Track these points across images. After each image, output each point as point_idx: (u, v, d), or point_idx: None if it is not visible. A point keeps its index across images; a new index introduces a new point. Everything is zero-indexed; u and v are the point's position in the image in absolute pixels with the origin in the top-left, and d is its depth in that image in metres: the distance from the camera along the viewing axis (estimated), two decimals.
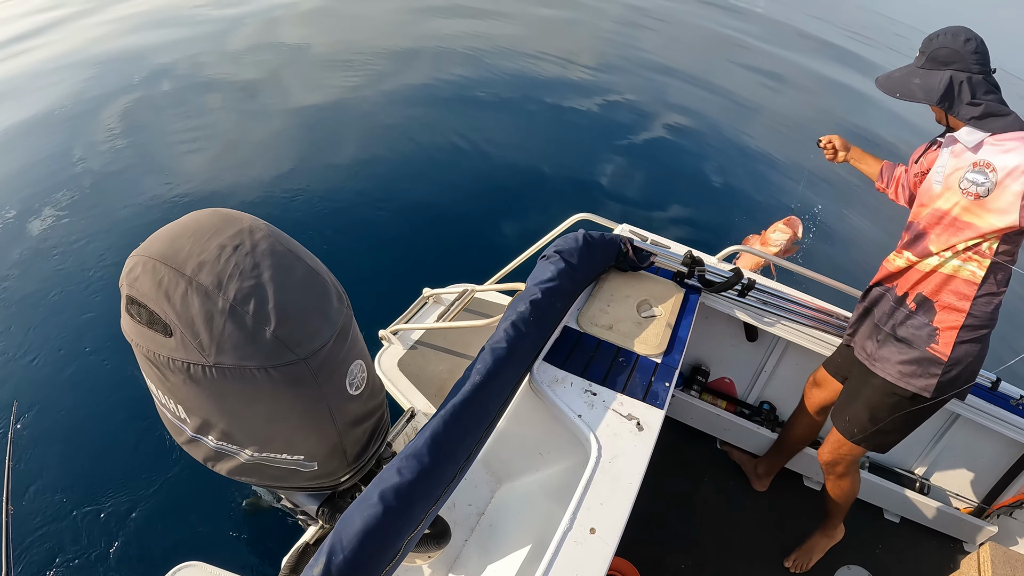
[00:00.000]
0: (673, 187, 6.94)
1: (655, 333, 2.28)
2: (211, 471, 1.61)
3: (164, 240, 1.33)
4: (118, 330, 1.38)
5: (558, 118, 7.84)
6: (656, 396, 2.05)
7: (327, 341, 1.39)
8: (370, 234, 5.07)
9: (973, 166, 2.01)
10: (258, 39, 8.72)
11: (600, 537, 1.64)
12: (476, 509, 2.36)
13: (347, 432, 1.57)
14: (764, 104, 10.39)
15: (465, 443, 1.65)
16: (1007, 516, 3.15)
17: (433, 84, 7.98)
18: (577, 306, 2.32)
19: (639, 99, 9.09)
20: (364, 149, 6.31)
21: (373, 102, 7.27)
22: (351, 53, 8.63)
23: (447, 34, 9.88)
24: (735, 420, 3.24)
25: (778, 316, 2.78)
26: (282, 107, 6.95)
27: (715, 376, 3.35)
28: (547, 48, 10.24)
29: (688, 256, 2.57)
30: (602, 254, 2.36)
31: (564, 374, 2.05)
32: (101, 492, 3.11)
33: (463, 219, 5.51)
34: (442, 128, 6.95)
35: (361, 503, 1.40)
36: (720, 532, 3.00)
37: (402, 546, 1.44)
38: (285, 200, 5.31)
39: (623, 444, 1.87)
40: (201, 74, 7.54)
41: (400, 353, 2.75)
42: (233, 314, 1.27)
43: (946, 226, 2.10)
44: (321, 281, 1.45)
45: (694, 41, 13.66)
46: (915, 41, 2.17)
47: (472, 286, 2.97)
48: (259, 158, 5.95)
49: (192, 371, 1.30)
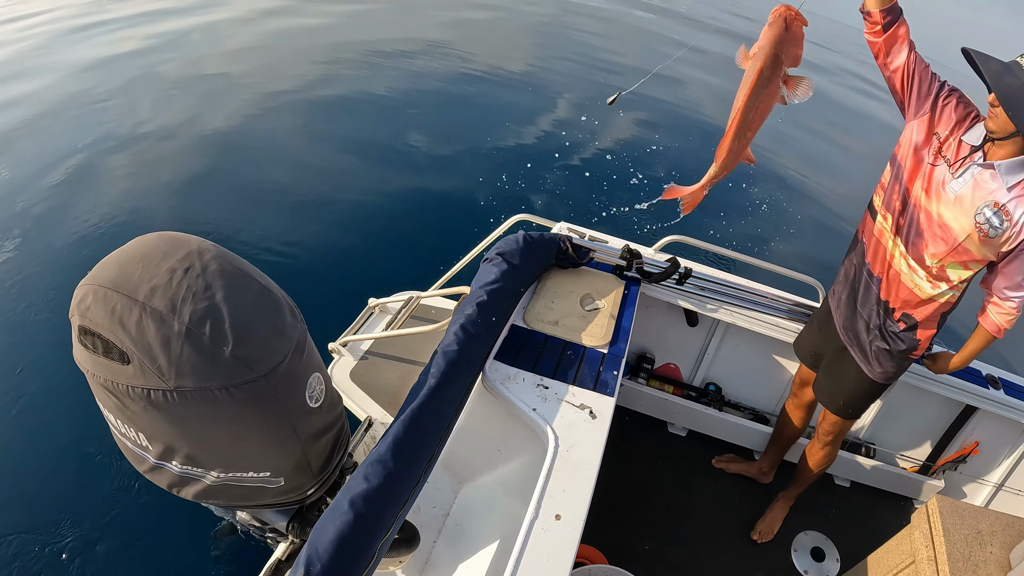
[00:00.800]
0: (608, 183, 7.07)
1: (599, 325, 2.36)
2: (175, 498, 1.59)
3: (113, 267, 1.32)
4: (69, 365, 1.37)
5: (489, 123, 7.90)
6: (606, 384, 2.14)
7: (285, 357, 1.41)
8: (312, 249, 5.04)
9: (995, 205, 1.97)
10: (186, 63, 8.53)
11: (566, 522, 1.71)
12: (441, 511, 2.41)
13: (310, 445, 1.59)
14: (692, 96, 10.69)
15: (427, 445, 1.70)
16: (952, 471, 3.33)
17: (362, 96, 7.95)
18: (522, 305, 2.38)
19: (570, 97, 9.23)
20: (296, 167, 6.25)
21: (304, 119, 7.21)
22: (281, 69, 8.54)
23: (373, 44, 9.85)
24: (683, 403, 3.36)
25: (716, 301, 2.91)
26: (214, 129, 6.83)
27: (660, 363, 3.46)
28: (474, 52, 10.30)
29: (626, 250, 2.67)
30: (543, 253, 2.44)
31: (515, 371, 2.11)
32: (60, 530, 3.04)
33: (403, 228, 5.53)
34: (373, 140, 6.94)
35: (332, 512, 1.44)
36: (680, 512, 3.11)
37: (376, 551, 1.48)
38: (223, 221, 5.25)
39: (578, 432, 1.95)
40: (135, 100, 7.35)
41: (351, 364, 2.78)
42: (190, 337, 1.28)
43: (948, 244, 2.10)
44: (274, 298, 1.46)
45: (623, 37, 13.90)
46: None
47: (417, 293, 3.01)
48: (194, 180, 5.84)
49: (153, 397, 1.29)
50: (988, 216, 1.97)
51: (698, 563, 2.91)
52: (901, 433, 3.38)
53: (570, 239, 2.58)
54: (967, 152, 2.03)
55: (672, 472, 3.28)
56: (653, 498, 3.14)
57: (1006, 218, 1.95)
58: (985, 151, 1.99)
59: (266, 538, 2.01)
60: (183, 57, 8.78)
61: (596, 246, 2.67)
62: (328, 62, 8.97)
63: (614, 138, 8.25)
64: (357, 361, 2.80)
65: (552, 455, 1.86)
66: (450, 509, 2.43)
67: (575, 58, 11.23)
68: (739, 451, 3.43)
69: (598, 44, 12.74)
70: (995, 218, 1.96)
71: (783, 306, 2.93)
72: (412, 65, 9.31)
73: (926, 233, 2.14)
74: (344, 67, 8.89)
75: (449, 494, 2.47)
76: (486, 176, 6.58)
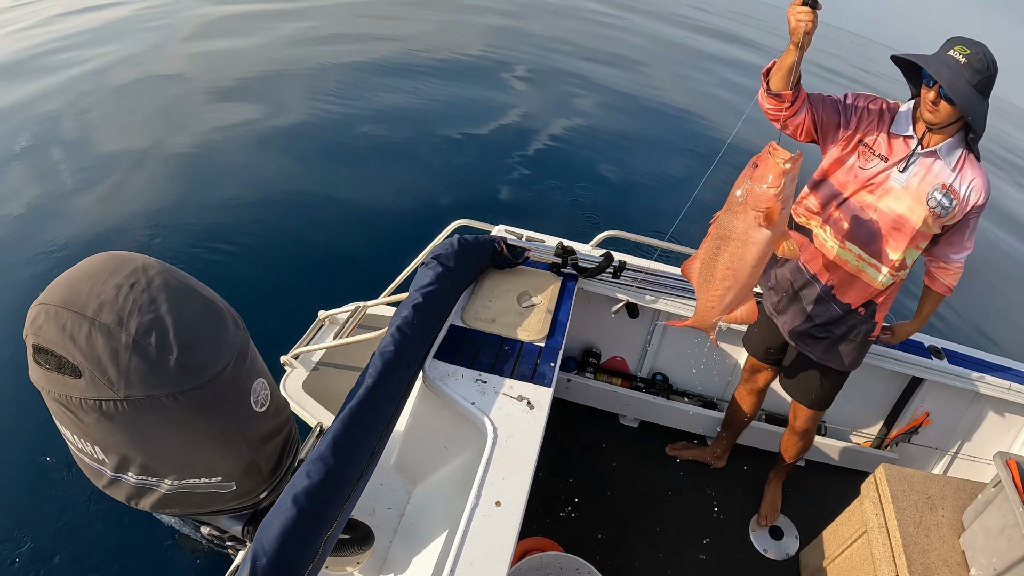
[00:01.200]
0: (550, 185, 7.23)
1: (536, 320, 2.45)
2: (136, 513, 1.64)
3: (63, 287, 1.38)
4: (27, 386, 1.42)
5: (431, 131, 8.00)
6: (543, 376, 2.22)
7: (228, 363, 1.48)
8: (262, 265, 5.08)
9: (943, 187, 2.14)
10: (131, 80, 8.45)
11: (507, 508, 1.77)
12: (396, 511, 2.47)
13: (259, 449, 1.66)
14: (635, 95, 10.93)
15: (367, 442, 1.76)
16: (905, 443, 3.43)
17: (304, 110, 7.98)
18: (460, 305, 2.46)
19: (513, 103, 9.39)
20: (244, 186, 6.25)
21: (243, 137, 7.21)
22: (224, 86, 8.51)
23: (309, 60, 9.87)
24: (632, 394, 3.43)
25: (654, 292, 2.99)
26: (160, 147, 6.80)
27: (607, 356, 3.54)
28: (413, 61, 10.42)
29: (560, 247, 2.77)
30: (478, 255, 2.52)
31: (454, 368, 2.19)
32: (18, 544, 3.04)
33: (352, 239, 5.59)
34: (318, 154, 7.00)
35: (277, 509, 1.50)
36: (636, 501, 3.16)
37: (320, 545, 1.54)
38: (173, 242, 5.26)
39: (517, 422, 2.03)
40: (80, 118, 7.29)
41: (304, 376, 2.83)
42: (137, 347, 1.34)
43: (906, 234, 2.22)
44: (216, 308, 1.53)
45: (566, 36, 14.12)
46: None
47: (364, 303, 3.07)
48: (144, 201, 5.83)
49: (105, 408, 1.36)
50: (939, 199, 2.15)
51: (655, 550, 2.97)
52: (852, 410, 3.48)
53: (505, 240, 2.67)
54: (900, 142, 2.19)
55: (626, 462, 3.34)
56: (608, 489, 3.19)
57: (954, 197, 2.15)
58: (922, 141, 2.16)
59: (227, 547, 2.06)
60: (123, 63, 8.75)
61: (531, 245, 2.77)
62: (260, 78, 8.99)
63: (557, 141, 8.42)
64: (309, 372, 2.85)
65: (491, 445, 1.93)
66: (404, 509, 2.49)
67: (519, 61, 11.40)
68: (691, 438, 3.51)
69: (545, 43, 12.95)
70: (944, 199, 2.14)
71: None
72: (354, 77, 9.35)
73: (882, 230, 2.25)
74: (282, 83, 8.91)
75: (403, 495, 2.53)
76: (431, 184, 6.70)
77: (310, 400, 2.73)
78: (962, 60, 1.96)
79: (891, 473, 2.46)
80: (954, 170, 2.15)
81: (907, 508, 2.35)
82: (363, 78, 9.38)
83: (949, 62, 1.98)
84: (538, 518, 2.94)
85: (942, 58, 2.00)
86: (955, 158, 2.15)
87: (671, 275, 3.03)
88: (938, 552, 2.24)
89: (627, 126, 9.70)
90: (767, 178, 1.76)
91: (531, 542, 2.76)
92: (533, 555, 2.43)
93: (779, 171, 1.74)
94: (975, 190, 2.15)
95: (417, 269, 2.38)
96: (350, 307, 3.09)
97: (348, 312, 3.06)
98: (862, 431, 3.56)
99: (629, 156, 8.65)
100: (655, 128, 10.21)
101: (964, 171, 2.15)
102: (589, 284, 2.93)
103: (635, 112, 10.60)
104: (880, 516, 2.39)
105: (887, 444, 3.48)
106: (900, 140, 2.19)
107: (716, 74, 14.62)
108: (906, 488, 2.42)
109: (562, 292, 2.67)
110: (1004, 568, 2.05)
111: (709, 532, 3.10)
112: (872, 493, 2.49)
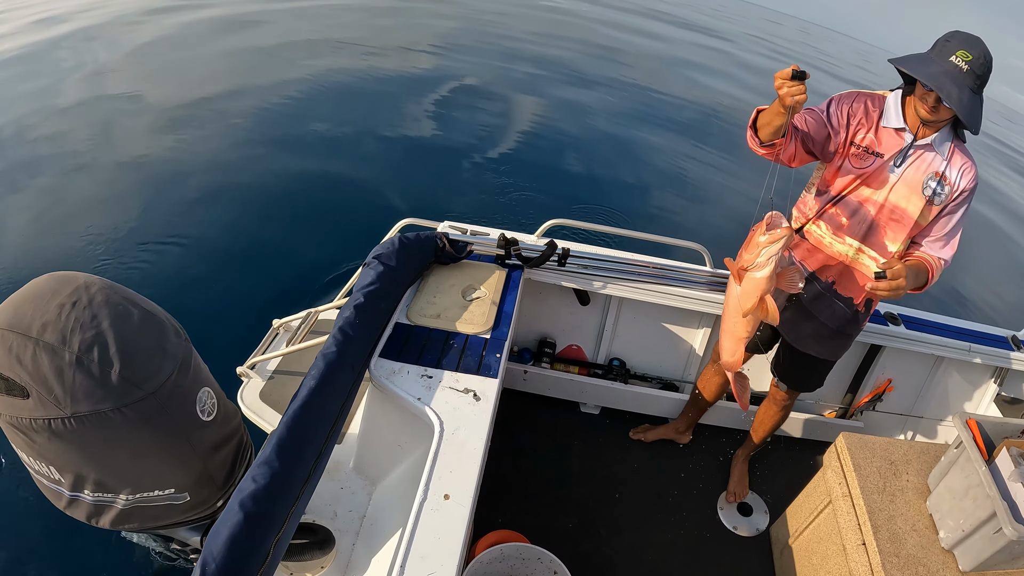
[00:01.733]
0: (497, 179, 7.30)
1: (480, 313, 2.48)
2: (102, 533, 1.66)
3: (8, 310, 1.40)
4: None
5: (376, 130, 8.02)
6: (489, 367, 2.25)
7: (170, 374, 1.50)
8: (215, 278, 5.05)
9: (936, 175, 2.21)
10: (77, 96, 8.31)
11: (455, 501, 1.78)
12: (358, 513, 2.47)
13: (209, 458, 1.68)
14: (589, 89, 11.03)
15: (311, 444, 1.77)
16: (870, 411, 3.49)
17: (244, 113, 7.94)
18: (405, 302, 2.47)
19: (459, 98, 9.43)
20: (194, 197, 6.22)
21: (188, 139, 7.17)
22: (169, 98, 8.40)
23: (255, 69, 9.80)
24: (591, 381, 3.44)
25: (602, 277, 3.01)
26: (106, 162, 6.71)
27: (562, 345, 3.56)
28: (362, 57, 10.40)
29: (502, 238, 2.79)
30: (420, 252, 2.54)
31: (400, 365, 2.20)
32: None
33: (302, 245, 5.60)
34: (264, 161, 6.97)
35: (225, 515, 1.51)
36: (601, 487, 3.17)
37: (270, 548, 1.54)
38: (123, 257, 5.21)
39: (463, 415, 2.05)
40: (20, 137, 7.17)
41: (260, 385, 2.82)
42: (80, 364, 1.37)
43: (905, 224, 2.28)
44: (157, 320, 1.55)
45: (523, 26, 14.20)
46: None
47: (315, 309, 3.08)
48: (90, 217, 5.75)
49: (54, 426, 1.38)
50: (933, 187, 2.21)
51: (622, 534, 2.99)
52: None
53: (447, 235, 2.69)
54: (893, 135, 2.22)
55: (590, 450, 3.34)
56: (573, 477, 3.19)
57: (946, 183, 2.21)
58: (915, 134, 2.19)
59: (190, 560, 2.07)
60: (54, 71, 8.60)
61: (474, 239, 2.78)
62: (213, 80, 8.91)
63: (503, 135, 8.49)
64: (266, 382, 2.85)
65: (438, 439, 1.94)
66: (366, 511, 2.49)
67: (466, 56, 11.43)
68: (653, 420, 3.51)
69: (493, 39, 13.00)
70: (938, 187, 2.21)
71: (672, 274, 3.03)
72: (300, 74, 9.33)
73: (880, 222, 2.31)
74: (225, 89, 8.85)
75: (364, 496, 2.54)
76: (382, 185, 6.71)
77: (268, 410, 2.73)
78: (965, 68, 1.96)
79: (851, 441, 2.47)
80: (946, 158, 2.21)
81: (870, 475, 2.36)
82: (310, 84, 9.34)
83: (953, 73, 1.97)
84: (503, 511, 2.95)
85: (945, 68, 1.98)
86: (947, 147, 2.22)
87: (617, 259, 3.03)
88: (904, 517, 2.26)
89: (574, 123, 9.79)
90: (748, 243, 1.99)
91: (496, 535, 2.77)
92: (494, 547, 2.44)
93: (755, 243, 1.96)
94: (964, 175, 2.22)
95: (360, 270, 2.40)
96: (303, 314, 3.09)
97: (301, 319, 3.07)
98: (826, 402, 3.60)
99: (579, 147, 8.74)
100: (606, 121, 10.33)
101: (954, 157, 2.22)
102: (536, 274, 2.94)
103: (580, 108, 10.70)
104: (843, 485, 2.41)
105: (851, 413, 3.53)
106: (892, 133, 2.23)
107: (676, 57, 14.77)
108: (868, 455, 2.43)
109: (507, 283, 2.69)
110: (972, 528, 2.06)
111: (677, 513, 3.13)
112: (834, 463, 2.50)
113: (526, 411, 3.45)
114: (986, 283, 8.41)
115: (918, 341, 3.16)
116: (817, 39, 27.09)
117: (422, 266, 2.60)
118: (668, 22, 22.65)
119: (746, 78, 17.34)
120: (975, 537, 2.06)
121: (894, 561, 2.12)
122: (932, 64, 2.01)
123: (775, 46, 22.29)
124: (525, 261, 2.82)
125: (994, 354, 3.14)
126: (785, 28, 34.42)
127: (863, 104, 2.26)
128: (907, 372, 3.42)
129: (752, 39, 15.50)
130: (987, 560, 2.03)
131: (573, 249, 2.97)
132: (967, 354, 3.15)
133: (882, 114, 2.24)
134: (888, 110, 2.23)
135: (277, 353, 2.86)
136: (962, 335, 3.20)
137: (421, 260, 2.57)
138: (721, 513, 3.15)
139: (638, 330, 3.47)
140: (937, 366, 3.39)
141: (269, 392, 2.81)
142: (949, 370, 3.41)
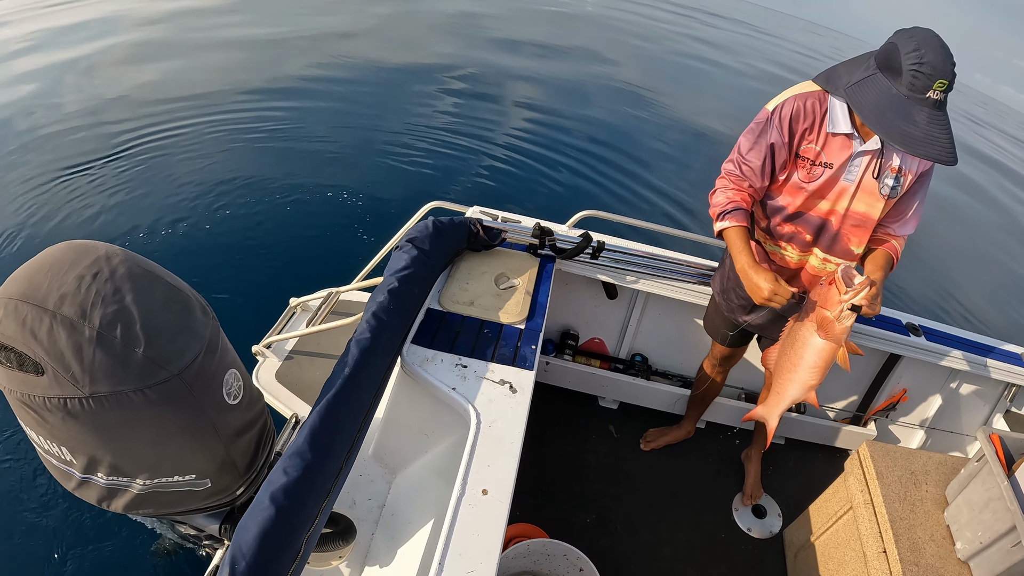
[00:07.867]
0: (523, 165, 7.20)
1: (515, 302, 2.40)
2: (109, 513, 1.57)
3: (22, 280, 1.30)
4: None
5: (399, 115, 7.95)
6: (524, 359, 2.17)
7: (197, 354, 1.40)
8: (230, 254, 5.00)
9: (892, 171, 2.10)
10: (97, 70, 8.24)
11: (494, 496, 1.72)
12: (377, 503, 2.42)
13: (233, 443, 1.58)
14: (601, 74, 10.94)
15: (345, 435, 1.69)
16: (883, 419, 3.45)
17: (269, 97, 7.87)
18: (437, 288, 2.40)
19: (477, 85, 9.34)
20: (209, 174, 6.17)
21: (211, 124, 7.10)
22: (192, 79, 8.34)
23: (273, 43, 9.74)
24: (611, 376, 3.41)
25: (633, 272, 2.95)
26: (127, 135, 6.65)
27: (585, 338, 3.51)
28: (380, 47, 10.31)
29: (537, 228, 2.71)
30: (453, 237, 2.46)
31: (433, 352, 2.13)
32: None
33: (322, 225, 5.55)
34: (284, 141, 6.90)
35: (254, 508, 1.43)
36: (618, 483, 3.16)
37: (302, 544, 1.47)
38: (141, 230, 5.17)
39: (500, 407, 1.97)
40: (35, 111, 7.07)
41: (276, 365, 2.76)
42: (101, 341, 1.26)
43: (868, 228, 2.21)
44: (183, 297, 1.45)
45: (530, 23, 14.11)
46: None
47: (336, 289, 3.00)
48: (111, 189, 5.72)
49: (70, 406, 1.28)
50: (891, 185, 2.13)
51: (639, 531, 2.97)
52: (830, 387, 3.50)
53: (481, 222, 2.61)
54: (842, 142, 2.07)
55: (606, 445, 3.33)
56: (590, 472, 3.18)
57: (901, 176, 2.13)
58: (863, 138, 2.06)
59: (204, 546, 2.00)
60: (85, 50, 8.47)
61: (508, 227, 2.71)
62: (234, 66, 8.83)
63: (526, 121, 8.39)
64: (282, 362, 2.78)
65: (475, 432, 1.88)
66: (385, 500, 2.43)
67: (479, 47, 11.32)
68: (671, 419, 3.50)
69: (502, 32, 12.90)
70: (895, 181, 2.13)
71: (698, 271, 2.98)
72: (319, 62, 9.25)
73: (843, 231, 2.23)
74: (249, 70, 8.75)
75: (383, 486, 2.48)
76: (401, 167, 6.66)
77: (284, 390, 2.66)
78: (942, 98, 1.77)
79: (875, 450, 2.47)
80: (898, 152, 2.08)
81: (892, 484, 2.37)
82: (325, 69, 9.26)
83: (937, 119, 1.78)
84: (520, 504, 2.91)
85: (928, 123, 1.77)
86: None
87: (650, 255, 3.00)
88: (924, 527, 2.26)
89: (599, 113, 9.68)
90: (827, 300, 1.93)
91: (516, 528, 2.74)
92: (520, 542, 2.39)
93: (837, 300, 1.89)
94: (918, 159, 2.10)
95: (391, 253, 2.31)
96: (322, 293, 3.01)
97: (320, 299, 2.99)
98: (840, 408, 3.58)
99: (605, 139, 8.64)
100: (634, 113, 10.23)
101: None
102: (567, 265, 2.89)
103: (608, 97, 10.60)
104: (865, 492, 2.41)
105: (865, 421, 3.50)
106: (840, 139, 2.07)
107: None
108: (890, 464, 2.44)
109: (540, 274, 2.62)
110: (990, 541, 2.06)
111: (692, 512, 3.10)
112: (856, 470, 2.50)
113: (545, 402, 3.41)
114: (997, 298, 8.36)
115: (937, 353, 3.11)
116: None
117: (454, 252, 2.52)
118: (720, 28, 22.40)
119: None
120: (992, 550, 2.07)
121: (914, 570, 2.13)
122: (911, 124, 1.79)
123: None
124: (559, 252, 2.75)
125: (1006, 369, 3.09)
126: (823, 39, 34.34)
127: (802, 119, 2.08)
128: (921, 383, 3.38)
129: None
130: (1002, 573, 2.04)
131: (607, 243, 2.90)
132: (982, 368, 3.10)
133: (826, 116, 2.07)
134: (834, 113, 2.05)
135: (296, 333, 2.78)
136: (977, 349, 3.15)
137: (454, 245, 2.49)
138: (736, 514, 3.16)
139: (664, 327, 3.42)
140: (951, 379, 3.36)
141: (285, 372, 2.74)
142: (961, 383, 3.38)
